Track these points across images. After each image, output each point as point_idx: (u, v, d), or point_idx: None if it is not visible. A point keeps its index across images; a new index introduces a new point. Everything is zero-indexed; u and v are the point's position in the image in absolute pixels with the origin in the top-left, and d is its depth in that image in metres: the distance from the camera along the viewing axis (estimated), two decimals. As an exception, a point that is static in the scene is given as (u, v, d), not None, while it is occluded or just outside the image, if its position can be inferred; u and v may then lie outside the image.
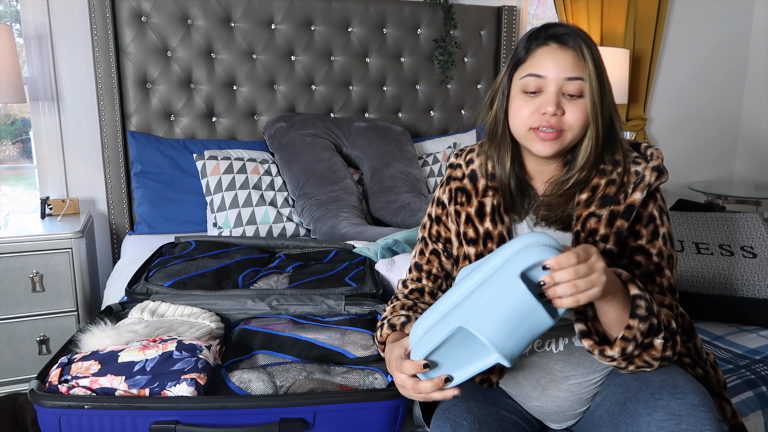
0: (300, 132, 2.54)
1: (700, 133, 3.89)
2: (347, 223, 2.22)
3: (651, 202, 1.10)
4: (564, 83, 1.03)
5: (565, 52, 1.04)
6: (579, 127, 1.05)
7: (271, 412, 1.03)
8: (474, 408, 1.06)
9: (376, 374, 1.13)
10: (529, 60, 1.06)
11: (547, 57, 1.04)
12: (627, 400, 1.01)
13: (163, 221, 2.43)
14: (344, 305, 1.47)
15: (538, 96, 1.05)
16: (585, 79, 1.03)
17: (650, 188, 1.08)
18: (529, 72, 1.05)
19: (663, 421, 0.93)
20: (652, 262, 1.08)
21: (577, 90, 1.03)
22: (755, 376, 1.44)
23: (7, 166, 2.58)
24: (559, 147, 1.05)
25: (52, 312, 2.19)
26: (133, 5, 2.45)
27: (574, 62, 1.04)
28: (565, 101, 1.04)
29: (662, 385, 0.99)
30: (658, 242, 1.09)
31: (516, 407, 1.16)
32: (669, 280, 1.09)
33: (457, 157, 1.24)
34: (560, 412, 1.13)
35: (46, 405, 1.01)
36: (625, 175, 1.09)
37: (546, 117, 1.03)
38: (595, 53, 1.05)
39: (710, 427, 0.92)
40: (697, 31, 3.73)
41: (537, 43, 1.06)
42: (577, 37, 1.04)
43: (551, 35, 1.05)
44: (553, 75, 1.03)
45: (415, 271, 1.25)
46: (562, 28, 1.06)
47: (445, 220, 1.22)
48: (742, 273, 1.75)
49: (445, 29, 2.97)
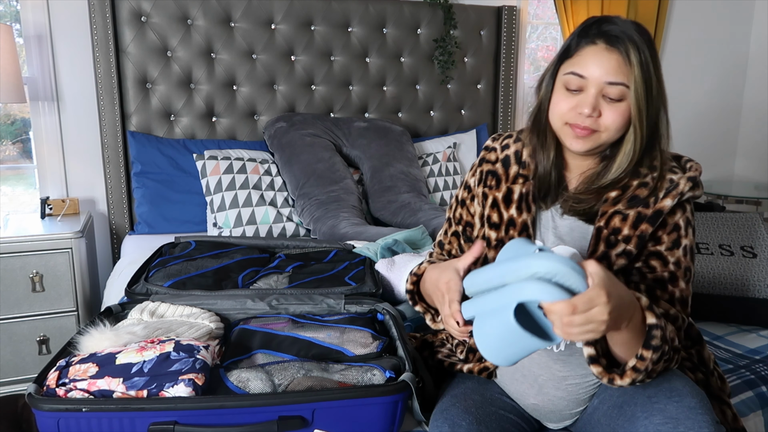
0: (300, 132, 2.54)
1: (700, 132, 3.88)
2: (347, 223, 2.22)
3: (680, 211, 1.08)
4: (605, 87, 1.02)
5: (611, 54, 1.02)
6: (615, 130, 1.04)
7: (270, 411, 1.03)
8: (472, 408, 1.06)
9: (375, 371, 1.13)
10: (575, 56, 1.05)
11: (592, 57, 1.03)
12: (624, 404, 1.01)
13: (163, 221, 2.43)
14: (344, 304, 1.47)
15: (578, 95, 1.04)
16: (629, 85, 1.01)
17: (682, 197, 1.07)
18: (572, 70, 1.04)
19: (660, 424, 0.93)
20: (668, 269, 1.07)
21: (618, 95, 1.02)
22: (755, 376, 1.44)
23: (7, 166, 2.58)
24: (592, 145, 1.05)
25: (52, 312, 2.19)
26: (133, 5, 2.45)
27: (619, 66, 1.01)
28: (604, 103, 1.03)
29: (659, 389, 0.98)
30: (678, 252, 1.08)
31: (515, 407, 1.16)
32: (683, 292, 1.07)
33: (493, 141, 1.23)
34: (557, 411, 1.12)
35: (44, 408, 1.01)
36: (659, 180, 1.07)
37: (582, 117, 1.03)
38: (645, 57, 1.02)
39: (708, 429, 0.92)
40: (697, 31, 3.73)
41: (586, 41, 1.05)
42: (626, 39, 1.01)
43: (602, 32, 1.04)
44: (595, 77, 1.02)
45: (438, 248, 1.30)
46: (614, 27, 1.03)
47: (469, 204, 1.23)
48: (742, 273, 1.74)
49: (445, 29, 2.97)
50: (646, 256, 1.08)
